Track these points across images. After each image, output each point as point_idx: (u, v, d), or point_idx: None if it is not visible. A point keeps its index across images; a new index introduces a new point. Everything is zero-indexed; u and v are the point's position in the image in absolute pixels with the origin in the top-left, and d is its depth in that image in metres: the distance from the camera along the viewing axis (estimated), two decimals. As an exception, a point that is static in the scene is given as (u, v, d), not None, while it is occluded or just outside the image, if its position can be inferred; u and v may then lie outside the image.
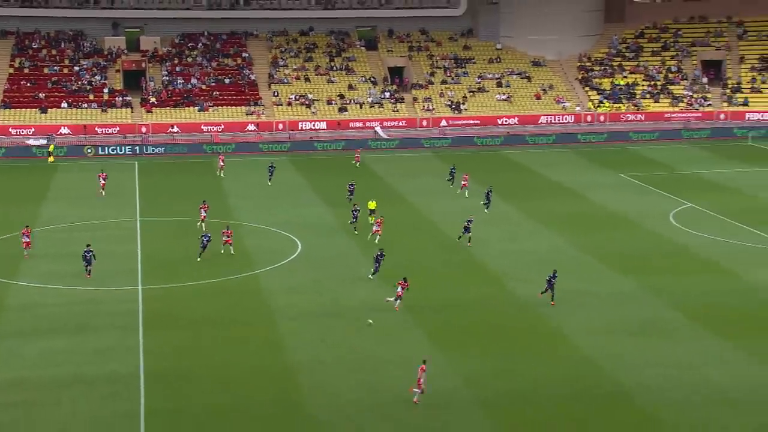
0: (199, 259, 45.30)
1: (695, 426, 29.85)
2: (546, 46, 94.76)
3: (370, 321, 37.23)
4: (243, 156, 74.18)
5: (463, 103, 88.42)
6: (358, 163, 69.95)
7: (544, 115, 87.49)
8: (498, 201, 59.29)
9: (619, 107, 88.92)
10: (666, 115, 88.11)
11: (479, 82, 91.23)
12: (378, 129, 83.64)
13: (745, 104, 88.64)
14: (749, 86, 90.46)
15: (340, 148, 78.43)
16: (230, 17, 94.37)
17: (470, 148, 79.06)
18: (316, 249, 48.40)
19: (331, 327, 37.73)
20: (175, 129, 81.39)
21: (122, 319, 38.25)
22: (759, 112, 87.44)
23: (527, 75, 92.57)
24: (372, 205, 53.55)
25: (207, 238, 45.63)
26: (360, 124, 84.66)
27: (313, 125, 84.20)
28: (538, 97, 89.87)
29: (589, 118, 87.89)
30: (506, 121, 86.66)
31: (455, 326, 38.00)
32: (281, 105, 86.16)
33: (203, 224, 50.93)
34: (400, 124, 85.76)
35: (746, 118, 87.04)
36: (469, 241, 48.05)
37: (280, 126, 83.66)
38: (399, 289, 39.19)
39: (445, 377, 33.27)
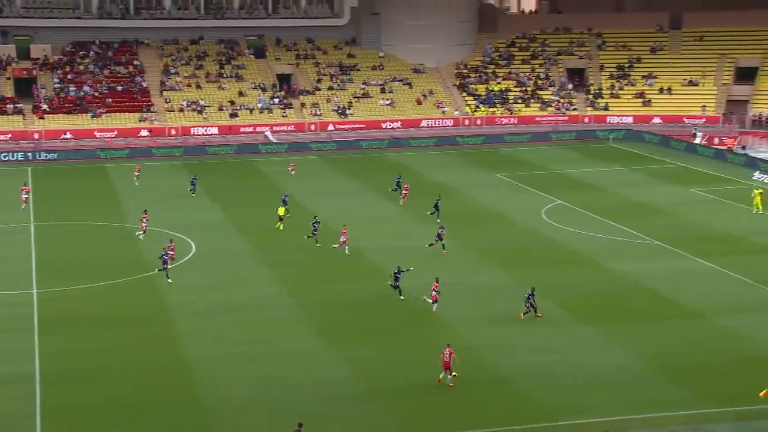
0: (169, 280, 41.59)
1: (572, 407, 30.58)
2: (425, 54, 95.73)
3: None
4: (137, 161, 72.33)
5: (349, 108, 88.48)
6: (293, 172, 68.27)
7: (426, 119, 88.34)
8: (382, 200, 59.51)
9: (494, 111, 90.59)
10: (536, 119, 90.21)
11: (364, 88, 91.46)
12: (268, 134, 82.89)
13: (606, 109, 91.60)
14: (609, 92, 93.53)
15: (232, 152, 77.47)
16: (121, 26, 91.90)
17: (357, 151, 79.16)
18: (210, 249, 47.65)
19: (226, 323, 37.17)
20: (68, 135, 78.84)
21: (17, 322, 36.78)
22: (618, 115, 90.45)
23: (409, 81, 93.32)
24: (281, 211, 52.71)
25: (166, 255, 41.72)
26: (251, 129, 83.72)
27: (205, 130, 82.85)
28: (419, 103, 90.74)
29: (466, 122, 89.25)
30: (390, 125, 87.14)
31: (343, 320, 37.94)
32: (173, 111, 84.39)
33: (143, 234, 48.74)
34: (289, 128, 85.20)
35: (607, 121, 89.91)
36: (444, 248, 46.73)
37: (173, 131, 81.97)
38: (433, 292, 37.45)
39: (335, 368, 33.17)
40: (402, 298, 39.59)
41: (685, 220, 54.28)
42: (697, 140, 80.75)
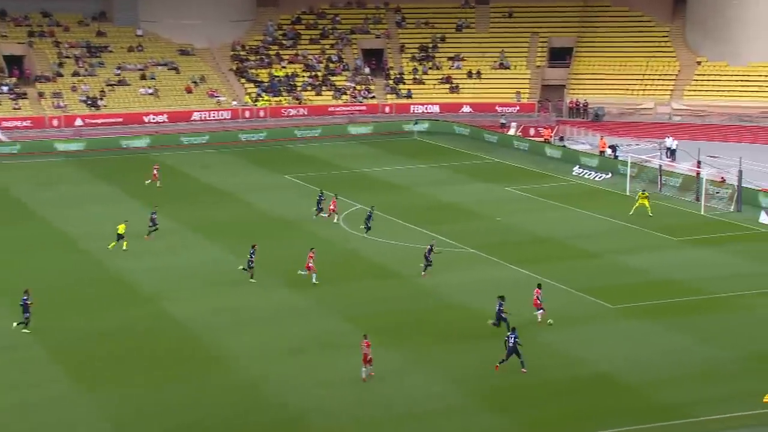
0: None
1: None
2: (194, 32, 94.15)
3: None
4: None
5: (101, 99, 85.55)
6: (158, 183, 65.00)
7: (198, 111, 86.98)
8: (147, 210, 58.06)
9: (280, 101, 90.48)
10: (329, 109, 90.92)
11: (119, 74, 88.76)
12: (-3, 131, 78.85)
13: (409, 96, 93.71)
14: (412, 77, 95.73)
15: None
16: None
17: (113, 152, 76.79)
18: None
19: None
20: None
21: None
22: (423, 104, 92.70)
23: (175, 65, 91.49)
24: (121, 228, 50.31)
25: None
26: (-27, 126, 79.35)
27: None
28: (189, 91, 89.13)
29: (247, 114, 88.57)
30: (153, 118, 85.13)
31: (101, 357, 36.49)
32: None
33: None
34: (24, 124, 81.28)
35: (411, 111, 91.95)
36: (424, 271, 46.16)
37: None
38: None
39: (89, 420, 31.78)
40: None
41: (501, 224, 56.22)
42: (512, 131, 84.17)
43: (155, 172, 65.30)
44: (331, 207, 56.30)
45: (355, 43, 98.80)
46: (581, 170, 70.45)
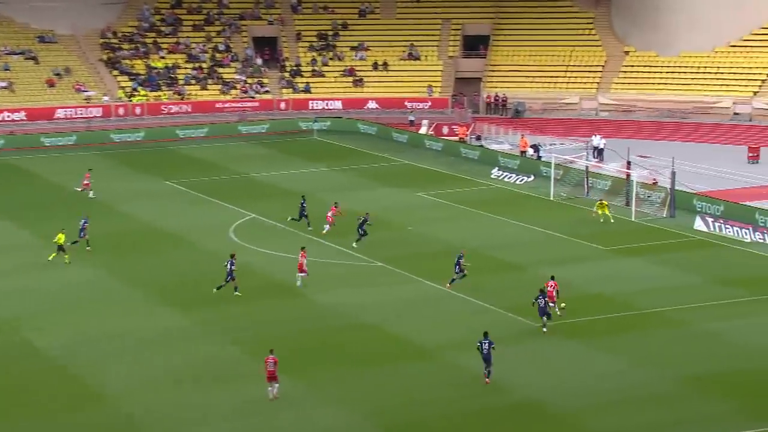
0: None
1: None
2: (55, 16, 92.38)
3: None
4: None
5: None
6: (90, 193, 63.42)
7: (62, 108, 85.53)
8: (8, 226, 56.94)
9: (159, 96, 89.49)
10: (217, 105, 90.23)
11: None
12: None
13: (307, 90, 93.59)
14: (310, 69, 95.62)
15: None
16: None
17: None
18: None
19: None
20: None
21: None
22: (323, 99, 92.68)
23: (33, 55, 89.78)
24: (60, 238, 49.51)
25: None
26: None
27: None
28: (51, 84, 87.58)
29: (121, 111, 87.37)
30: (9, 116, 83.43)
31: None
32: None
33: None
34: None
35: (310, 107, 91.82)
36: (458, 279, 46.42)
37: None
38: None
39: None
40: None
41: (413, 233, 56.40)
42: (423, 130, 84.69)
43: (86, 180, 63.63)
44: (330, 215, 55.68)
45: (245, 30, 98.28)
46: (500, 173, 71.17)
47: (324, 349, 40.09)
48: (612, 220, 58.13)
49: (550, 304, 42.32)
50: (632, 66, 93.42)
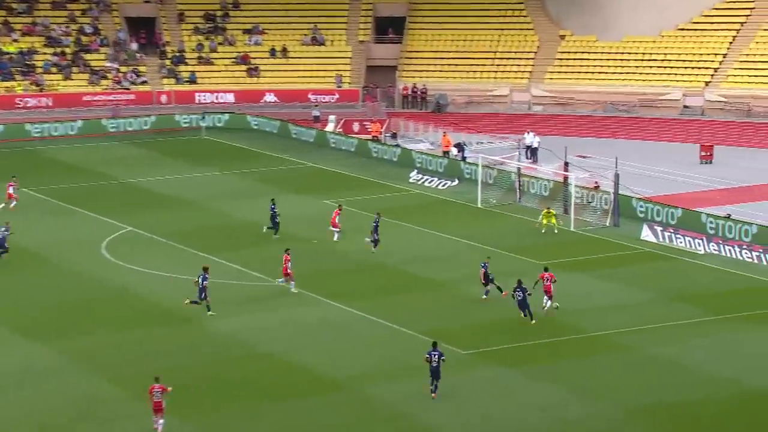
0: None
1: None
2: None
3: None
4: None
5: None
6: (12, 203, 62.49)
7: None
8: None
9: (13, 87, 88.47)
10: (85, 99, 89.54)
11: None
12: None
13: (193, 81, 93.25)
14: (196, 55, 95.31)
15: None
16: None
17: None
18: None
19: None
20: None
21: None
22: (212, 92, 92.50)
23: None
24: None
25: None
26: None
27: None
28: None
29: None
30: None
31: None
32: None
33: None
34: None
35: (196, 101, 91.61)
36: (501, 291, 47.87)
37: None
38: None
39: None
40: None
41: (319, 247, 56.50)
42: (330, 127, 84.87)
43: (11, 190, 62.46)
44: (335, 219, 57.00)
45: (116, 8, 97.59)
46: (420, 176, 71.65)
47: (218, 384, 39.97)
48: (556, 231, 58.85)
49: (545, 300, 45.73)
50: (569, 52, 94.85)
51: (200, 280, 46.30)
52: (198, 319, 46.25)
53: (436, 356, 37.71)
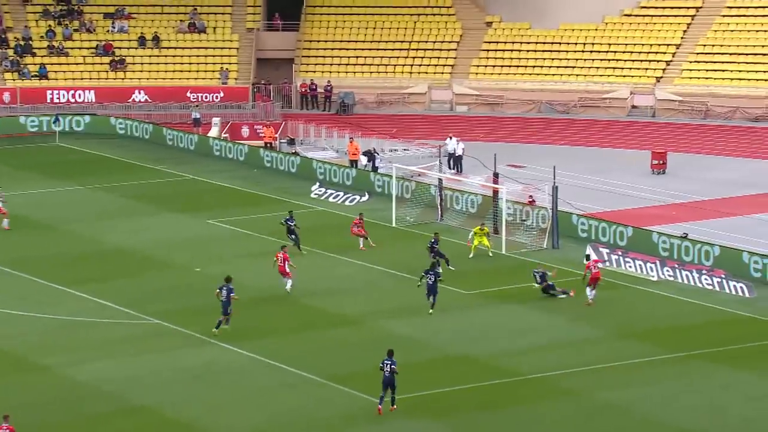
0: None
1: None
2: None
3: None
4: None
5: None
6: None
7: None
8: None
9: None
10: None
11: None
12: None
13: (44, 76, 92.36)
14: (45, 44, 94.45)
15: None
16: None
17: None
18: None
19: None
20: None
21: None
22: (67, 89, 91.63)
23: None
24: None
25: None
26: None
27: None
28: None
29: None
30: None
31: None
32: None
33: None
34: None
35: (48, 100, 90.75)
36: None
37: None
38: None
39: None
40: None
41: (202, 277, 56.30)
42: (213, 132, 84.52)
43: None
44: (357, 230, 59.59)
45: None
46: (323, 190, 71.71)
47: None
48: (490, 254, 59.14)
49: (589, 290, 51.75)
50: (497, 42, 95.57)
51: (225, 292, 47.92)
52: (57, 366, 45.77)
53: (388, 364, 40.17)
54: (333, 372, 45.11)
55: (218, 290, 48.47)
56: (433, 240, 56.90)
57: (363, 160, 76.18)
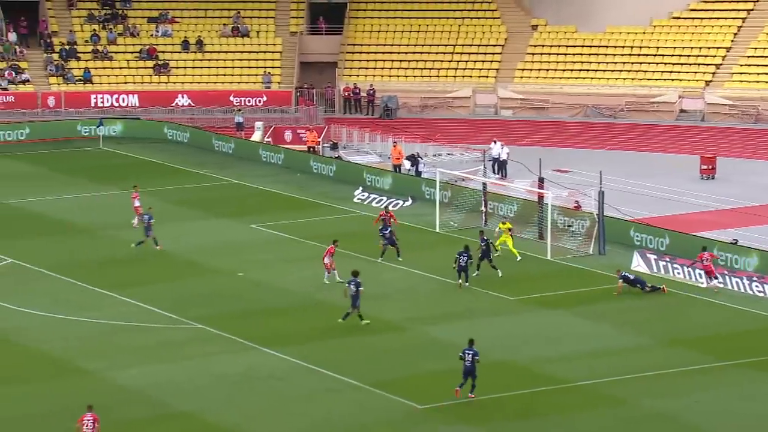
0: None
1: None
2: None
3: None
4: None
5: None
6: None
7: None
8: None
9: None
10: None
11: None
12: None
13: (88, 80, 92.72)
14: (90, 48, 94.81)
15: None
16: None
17: None
18: None
19: None
20: None
21: None
22: (111, 93, 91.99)
23: None
24: None
25: None
26: None
27: None
28: None
29: None
30: None
31: None
32: None
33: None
34: None
35: (92, 104, 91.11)
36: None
37: None
38: None
39: None
40: None
41: (246, 282, 56.43)
42: (256, 136, 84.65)
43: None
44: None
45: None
46: (366, 194, 71.71)
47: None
48: (518, 257, 59.02)
49: (710, 279, 54.38)
50: (543, 46, 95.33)
51: (353, 287, 49.87)
52: (98, 370, 45.95)
53: (470, 354, 41.96)
54: (376, 378, 45.09)
55: (347, 284, 50.23)
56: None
57: (406, 164, 76.11)
